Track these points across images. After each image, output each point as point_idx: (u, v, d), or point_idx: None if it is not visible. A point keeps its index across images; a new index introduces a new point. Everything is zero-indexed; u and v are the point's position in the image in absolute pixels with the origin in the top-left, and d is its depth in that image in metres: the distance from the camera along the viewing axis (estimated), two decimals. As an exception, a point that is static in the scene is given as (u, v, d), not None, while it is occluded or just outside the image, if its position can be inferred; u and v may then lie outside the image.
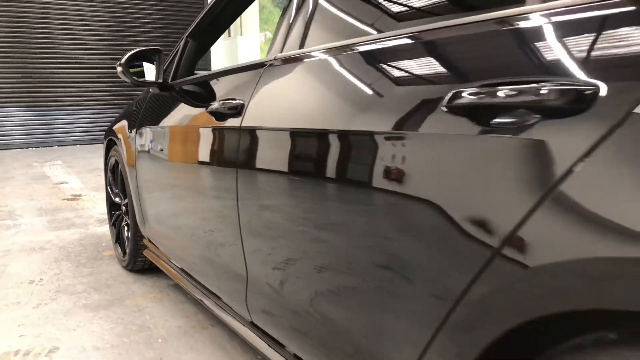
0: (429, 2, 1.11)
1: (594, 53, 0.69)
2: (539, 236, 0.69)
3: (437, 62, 0.93)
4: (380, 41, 1.09)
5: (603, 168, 0.63)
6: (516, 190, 0.72)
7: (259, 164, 1.36)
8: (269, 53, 1.48)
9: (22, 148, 8.95)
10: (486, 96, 0.79)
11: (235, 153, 1.46)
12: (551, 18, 0.76)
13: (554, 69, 0.72)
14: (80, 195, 4.90)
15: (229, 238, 1.55)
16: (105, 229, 3.65)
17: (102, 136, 9.33)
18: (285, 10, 1.50)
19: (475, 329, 0.78)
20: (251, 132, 1.39)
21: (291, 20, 1.43)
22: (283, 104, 1.30)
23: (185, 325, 2.16)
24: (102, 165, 6.84)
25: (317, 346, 1.23)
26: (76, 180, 5.76)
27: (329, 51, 1.23)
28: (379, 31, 1.16)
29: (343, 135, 1.06)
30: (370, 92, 1.05)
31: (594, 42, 0.69)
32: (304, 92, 1.25)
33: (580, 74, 0.69)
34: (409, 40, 1.00)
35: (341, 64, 1.17)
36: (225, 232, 1.57)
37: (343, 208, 1.06)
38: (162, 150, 2.08)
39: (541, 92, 0.71)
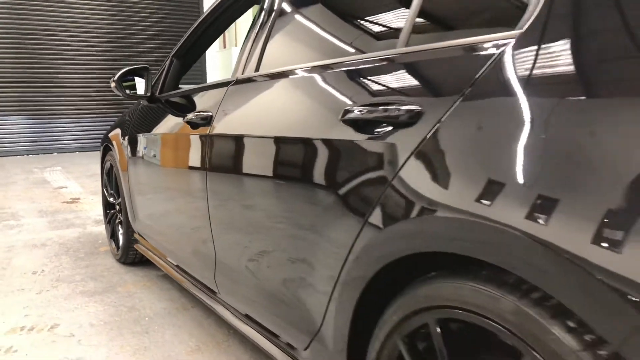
0: (336, 45, 1.45)
1: (420, 86, 1.03)
2: (388, 206, 1.02)
3: (337, 88, 1.27)
4: (306, 70, 1.43)
5: (426, 155, 0.96)
6: (379, 176, 1.05)
7: (223, 165, 1.69)
8: (233, 74, 1.81)
9: (23, 155, 9.27)
10: (365, 113, 1.12)
11: (205, 156, 1.79)
12: (404, 60, 1.10)
13: (401, 96, 1.06)
14: (78, 199, 5.22)
15: (201, 228, 1.88)
16: (101, 229, 3.97)
17: (100, 143, 9.60)
18: (245, 40, 1.84)
19: (360, 269, 1.10)
20: (217, 138, 1.73)
21: (249, 49, 1.77)
22: (241, 116, 1.64)
23: (169, 307, 2.48)
24: (99, 171, 7.17)
25: (262, 304, 1.56)
26: (75, 184, 6.08)
27: (275, 75, 1.56)
28: (307, 62, 1.49)
29: (280, 140, 1.40)
30: (299, 107, 1.38)
31: (419, 79, 1.03)
32: (256, 107, 1.59)
33: (413, 100, 1.02)
34: (320, 71, 1.35)
35: (282, 86, 1.51)
36: (198, 223, 1.90)
37: (278, 198, 1.39)
38: (149, 154, 2.41)
39: (393, 111, 1.05)
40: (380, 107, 1.09)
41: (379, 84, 1.15)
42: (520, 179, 0.80)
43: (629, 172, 0.68)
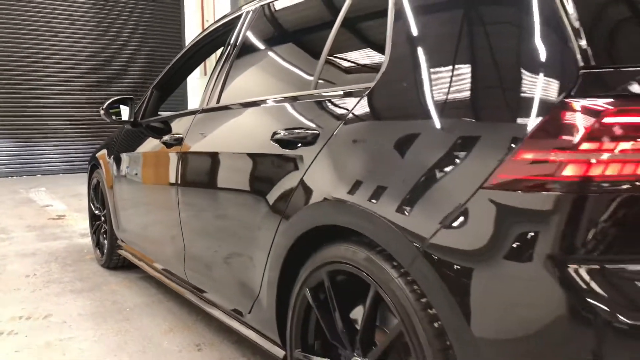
0: (271, 85, 1.95)
1: (319, 116, 1.52)
2: (299, 196, 1.49)
3: (268, 117, 1.76)
4: (249, 104, 1.92)
5: (320, 162, 1.44)
6: (294, 177, 1.53)
7: (191, 174, 2.16)
8: (200, 104, 2.29)
9: (7, 177, 9.57)
10: (286, 135, 1.60)
11: (177, 170, 2.26)
12: (311, 99, 1.60)
13: (308, 123, 1.55)
14: (64, 216, 5.59)
15: (173, 226, 2.33)
16: (86, 240, 4.36)
17: (84, 165, 9.87)
18: (210, 76, 2.32)
19: (282, 242, 1.56)
20: (185, 156, 2.20)
21: (213, 84, 2.25)
22: (204, 137, 2.11)
23: (147, 301, 2.90)
24: (83, 191, 7.51)
25: (219, 284, 2.01)
26: (60, 203, 6.45)
27: (229, 106, 2.05)
28: (251, 97, 1.98)
29: (230, 154, 1.88)
30: (243, 131, 1.87)
31: (319, 112, 1.53)
32: (215, 130, 2.07)
33: (315, 126, 1.51)
34: (258, 104, 1.84)
35: (233, 115, 1.99)
36: (171, 222, 2.35)
37: (227, 199, 1.86)
38: (131, 170, 2.87)
39: (303, 134, 1.53)
40: (295, 131, 1.57)
41: (295, 115, 1.64)
42: (370, 177, 1.29)
43: (423, 174, 1.16)
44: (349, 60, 1.68)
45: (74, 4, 10.18)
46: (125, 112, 3.04)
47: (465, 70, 1.18)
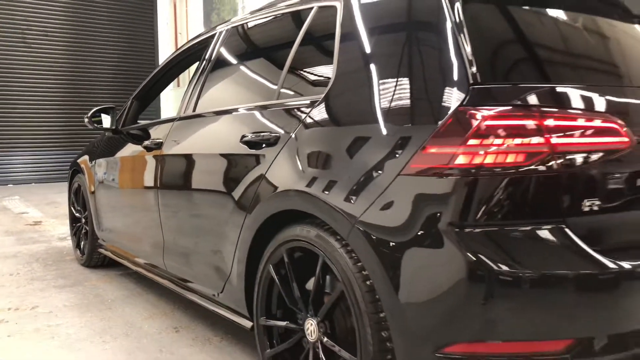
0: (241, 95, 2.27)
1: (280, 122, 1.84)
2: (263, 188, 1.80)
3: (238, 123, 2.07)
4: (222, 112, 2.23)
5: (280, 160, 1.76)
6: (259, 173, 1.84)
7: (169, 177, 2.45)
8: (178, 113, 2.58)
9: (-22, 186, 9.58)
10: (253, 137, 1.92)
11: (157, 171, 2.54)
12: (275, 107, 1.92)
13: (272, 127, 1.86)
14: (41, 222, 5.76)
15: (154, 222, 2.61)
16: (65, 244, 4.56)
17: (56, 175, 9.95)
18: (187, 87, 2.62)
19: (250, 226, 1.86)
20: (165, 159, 2.49)
21: (190, 94, 2.55)
22: (181, 142, 2.41)
23: (127, 294, 3.15)
24: (58, 199, 7.68)
25: (194, 270, 2.30)
26: (35, 211, 6.59)
27: (204, 114, 2.35)
28: (224, 106, 2.28)
29: (204, 155, 2.18)
30: (216, 135, 2.17)
31: (280, 117, 1.85)
32: (192, 135, 2.36)
33: (277, 129, 1.83)
34: (230, 112, 2.15)
35: (208, 122, 2.30)
36: (152, 218, 2.62)
37: (202, 192, 2.16)
38: (113, 173, 3.13)
39: (267, 136, 1.85)
40: (260, 134, 1.89)
41: (261, 120, 1.95)
42: (319, 171, 1.61)
43: (359, 167, 1.49)
44: (305, 75, 2.00)
45: (48, 18, 10.32)
46: (106, 120, 3.30)
47: (390, 85, 1.52)
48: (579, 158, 1.31)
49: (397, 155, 1.40)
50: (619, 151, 1.36)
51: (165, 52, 11.57)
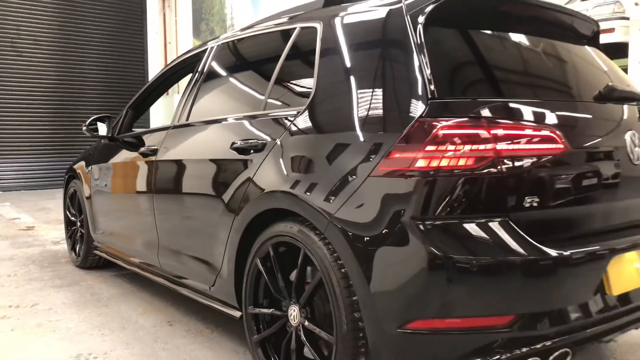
0: (231, 105, 2.48)
1: (267, 129, 2.05)
2: (251, 191, 2.01)
3: (229, 131, 2.28)
4: (214, 121, 2.44)
5: (266, 164, 1.97)
6: (247, 176, 2.05)
7: (164, 181, 2.65)
8: (172, 121, 2.78)
9: (-33, 194, 9.65)
10: (242, 144, 2.13)
11: (152, 176, 2.74)
12: (262, 118, 2.13)
13: (259, 135, 2.08)
14: (33, 227, 5.89)
15: (149, 224, 2.80)
16: (59, 247, 4.71)
17: (46, 182, 10.02)
18: (181, 98, 2.82)
19: (239, 224, 2.07)
20: (160, 164, 2.69)
21: (183, 104, 2.75)
22: (175, 148, 2.61)
23: (122, 292, 3.32)
24: (48, 206, 7.81)
25: (186, 267, 2.49)
26: (27, 216, 6.71)
27: (197, 123, 2.56)
28: (215, 115, 2.49)
29: (198, 160, 2.39)
30: (209, 142, 2.38)
31: (267, 126, 2.06)
32: (185, 143, 2.57)
33: (263, 137, 2.04)
34: (221, 121, 2.36)
35: (201, 130, 2.50)
36: (148, 220, 2.82)
37: (196, 193, 2.37)
38: (110, 178, 3.32)
39: (254, 143, 2.06)
40: (249, 141, 2.10)
41: (249, 129, 2.17)
42: (301, 174, 1.82)
43: (337, 170, 1.70)
44: (289, 88, 2.22)
45: (38, 26, 10.45)
46: (102, 128, 3.49)
47: (362, 97, 1.74)
48: (520, 162, 1.54)
49: (367, 160, 1.62)
50: (555, 156, 1.59)
51: (154, 60, 11.75)
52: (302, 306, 1.83)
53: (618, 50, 6.22)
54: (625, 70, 5.83)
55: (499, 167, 1.51)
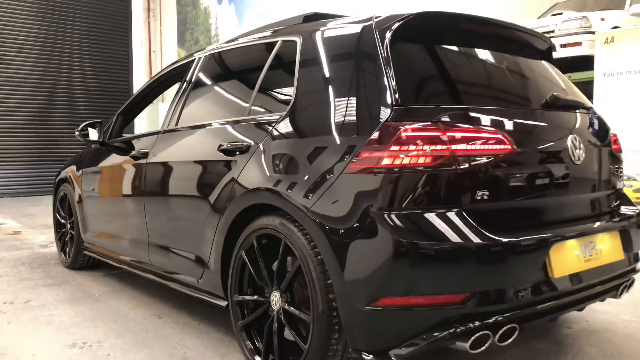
0: (217, 111, 2.69)
1: (250, 133, 2.26)
2: (236, 189, 2.21)
3: (216, 134, 2.48)
4: (201, 126, 2.64)
5: (250, 165, 2.18)
6: (233, 176, 2.25)
7: (154, 182, 2.83)
8: (162, 126, 2.98)
9: (-51, 201, 9.64)
10: (228, 146, 2.33)
11: (143, 178, 2.92)
12: (246, 122, 2.34)
13: (243, 138, 2.28)
14: (20, 232, 5.99)
15: (140, 223, 2.98)
16: (48, 250, 4.83)
17: (29, 189, 10.07)
18: (170, 104, 3.01)
19: (226, 219, 2.27)
20: (151, 166, 2.87)
21: (173, 110, 2.95)
22: (165, 151, 2.80)
23: (112, 289, 3.48)
24: (33, 212, 7.89)
25: (176, 263, 2.68)
26: (13, 222, 6.80)
27: (186, 128, 2.76)
28: (203, 120, 2.69)
29: (186, 162, 2.58)
30: (197, 145, 2.58)
31: (251, 131, 2.27)
32: (175, 146, 2.76)
33: (248, 139, 2.25)
34: (207, 126, 2.56)
35: (189, 134, 2.70)
36: (138, 219, 2.99)
37: (185, 193, 2.56)
38: (102, 181, 3.49)
39: (240, 145, 2.27)
40: (234, 143, 2.30)
41: (234, 133, 2.37)
42: (282, 173, 2.03)
43: (313, 168, 1.91)
44: (271, 95, 2.44)
45: (23, 35, 10.53)
46: (93, 133, 3.67)
47: (337, 104, 1.96)
48: (472, 161, 1.77)
49: (341, 159, 1.84)
50: (504, 156, 1.83)
51: (139, 69, 11.90)
52: (283, 292, 2.03)
53: (585, 63, 6.57)
54: (591, 82, 6.17)
55: (453, 165, 1.74)
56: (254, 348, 2.15)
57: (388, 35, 1.95)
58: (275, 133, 2.16)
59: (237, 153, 2.27)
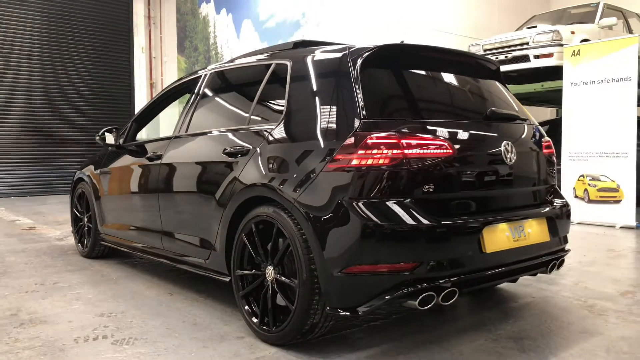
0: (223, 120, 3.22)
1: (250, 139, 2.79)
2: (237, 185, 2.74)
3: (222, 140, 3.01)
4: (209, 132, 3.16)
5: (250, 165, 2.70)
6: (235, 175, 2.77)
7: (167, 180, 3.36)
8: (174, 132, 3.49)
9: (-42, 200, 10.10)
10: (231, 150, 2.85)
11: (158, 177, 3.44)
12: (247, 131, 2.87)
13: (244, 143, 2.81)
14: (35, 227, 6.48)
15: (154, 216, 3.49)
16: (64, 243, 5.33)
17: (37, 189, 10.55)
18: (182, 112, 3.53)
19: (229, 210, 2.79)
20: (165, 166, 3.40)
21: (184, 117, 3.47)
22: (177, 154, 3.33)
23: (127, 274, 3.99)
24: (43, 210, 8.39)
25: (186, 246, 3.19)
26: (26, 219, 7.29)
27: (196, 134, 3.28)
28: (210, 128, 3.21)
29: (196, 163, 3.11)
30: (205, 148, 3.11)
31: (250, 137, 2.81)
32: (185, 149, 3.29)
33: (248, 144, 2.78)
34: (215, 132, 3.09)
35: (199, 139, 3.23)
36: (153, 213, 3.51)
37: (195, 189, 3.09)
38: (119, 179, 4.01)
39: (241, 149, 2.79)
40: (236, 147, 2.83)
41: (235, 138, 2.89)
42: (275, 172, 2.56)
43: (300, 168, 2.44)
44: (267, 107, 2.96)
45: (30, 42, 11.03)
46: (109, 137, 4.19)
47: (321, 116, 2.48)
48: (421, 162, 2.30)
49: (321, 160, 2.36)
50: (446, 158, 2.36)
51: (140, 75, 12.39)
52: (275, 265, 2.55)
53: (557, 73, 7.13)
54: (561, 90, 6.73)
55: (406, 165, 2.27)
56: (252, 311, 2.67)
57: (359, 62, 2.48)
58: (270, 139, 2.68)
59: (239, 155, 2.79)
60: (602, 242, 5.35)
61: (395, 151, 2.27)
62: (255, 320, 2.63)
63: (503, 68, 7.57)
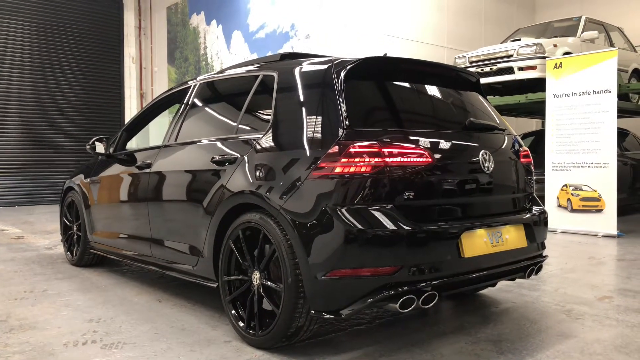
0: (210, 129, 3.30)
1: (237, 148, 2.88)
2: (225, 193, 2.81)
3: (209, 149, 3.09)
4: (197, 141, 3.24)
5: (237, 173, 2.78)
6: (222, 183, 2.85)
7: (157, 188, 3.42)
8: (163, 141, 3.57)
9: (-54, 210, 10.04)
10: (219, 158, 2.93)
11: (147, 185, 3.51)
12: (234, 140, 2.96)
13: (231, 152, 2.89)
14: (23, 237, 6.49)
15: (144, 223, 3.55)
16: (53, 252, 5.36)
17: (23, 200, 10.51)
18: (171, 121, 3.61)
19: (217, 217, 2.86)
20: (154, 175, 3.46)
21: (173, 126, 3.54)
22: (166, 162, 3.40)
23: (116, 282, 4.04)
24: (30, 220, 8.38)
25: (175, 253, 3.25)
26: (14, 228, 7.28)
27: (184, 143, 3.36)
28: (199, 137, 3.29)
29: (184, 171, 3.18)
30: (193, 157, 3.18)
31: (237, 146, 2.89)
32: (174, 158, 3.36)
33: (235, 153, 2.86)
34: (202, 142, 3.17)
35: (187, 148, 3.30)
36: (142, 221, 3.57)
37: (182, 197, 3.16)
38: (109, 188, 4.06)
39: (229, 157, 2.87)
40: (224, 156, 2.91)
41: (224, 147, 2.97)
42: (262, 180, 2.64)
43: (286, 176, 2.53)
44: (255, 117, 3.04)
45: (20, 52, 11.05)
46: (99, 147, 4.25)
47: (306, 126, 2.57)
48: (402, 170, 2.39)
49: (306, 168, 2.45)
50: (426, 166, 2.45)
51: (130, 85, 12.46)
52: (261, 271, 2.62)
53: (540, 85, 7.30)
54: (544, 102, 6.90)
55: (388, 173, 2.36)
56: (239, 316, 2.73)
57: (342, 74, 2.58)
58: (258, 147, 2.76)
59: (227, 164, 2.87)
60: (583, 250, 5.47)
61: (377, 159, 2.36)
62: (241, 324, 2.69)
63: (488, 80, 7.78)
